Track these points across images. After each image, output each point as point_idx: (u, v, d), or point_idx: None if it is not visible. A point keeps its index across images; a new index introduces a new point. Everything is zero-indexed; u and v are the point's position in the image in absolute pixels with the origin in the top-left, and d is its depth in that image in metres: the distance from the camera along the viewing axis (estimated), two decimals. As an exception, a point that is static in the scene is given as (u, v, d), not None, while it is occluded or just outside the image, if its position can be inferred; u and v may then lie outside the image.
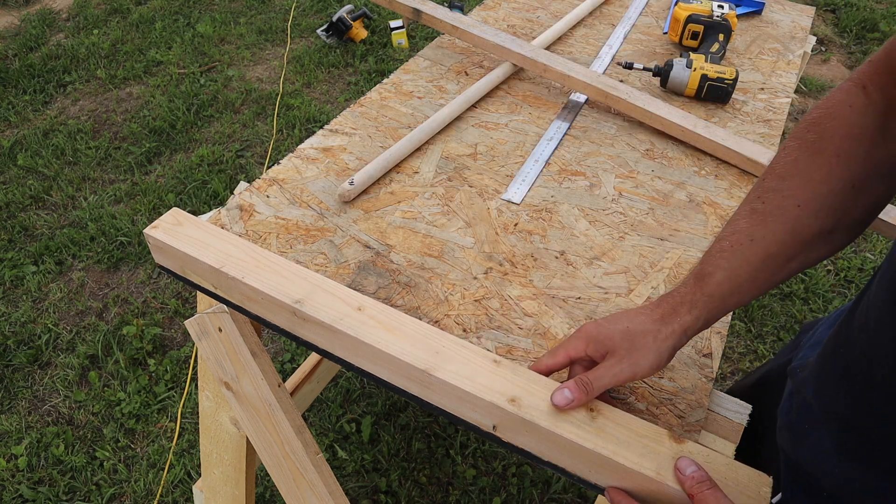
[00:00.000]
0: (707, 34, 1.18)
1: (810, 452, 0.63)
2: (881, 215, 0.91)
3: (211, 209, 0.86)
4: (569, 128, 1.02)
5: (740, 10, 1.38)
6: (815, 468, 0.62)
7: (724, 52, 1.18)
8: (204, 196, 2.18)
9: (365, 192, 0.88)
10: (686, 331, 0.56)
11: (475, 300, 0.74)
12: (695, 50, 1.20)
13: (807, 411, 0.64)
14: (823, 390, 0.61)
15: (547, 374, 0.60)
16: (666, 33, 1.29)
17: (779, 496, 0.66)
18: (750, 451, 0.67)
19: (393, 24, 2.92)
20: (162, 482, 1.45)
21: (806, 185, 0.54)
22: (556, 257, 0.80)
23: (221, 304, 0.77)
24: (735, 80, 1.05)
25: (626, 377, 0.56)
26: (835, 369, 0.59)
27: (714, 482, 0.52)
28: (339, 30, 2.90)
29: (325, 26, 2.96)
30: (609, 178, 0.93)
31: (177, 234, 0.74)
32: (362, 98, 1.07)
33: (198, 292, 0.79)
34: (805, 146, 0.55)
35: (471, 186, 0.90)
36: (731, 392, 0.90)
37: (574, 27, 1.30)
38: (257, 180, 0.88)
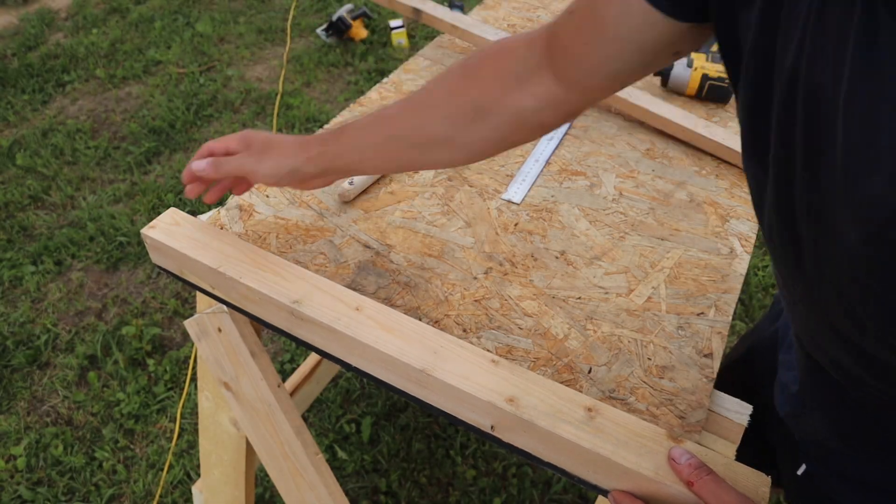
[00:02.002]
0: (707, 33, 1.18)
1: (814, 434, 0.65)
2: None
3: (210, 209, 0.86)
4: (569, 127, 1.02)
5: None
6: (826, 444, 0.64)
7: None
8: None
9: (365, 191, 0.88)
10: (309, 159, 0.67)
11: (475, 300, 0.74)
12: (696, 49, 1.19)
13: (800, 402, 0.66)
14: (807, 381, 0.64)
15: (207, 154, 0.71)
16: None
17: (803, 467, 0.68)
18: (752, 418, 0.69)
19: (393, 23, 2.92)
20: (161, 483, 1.45)
21: (447, 94, 0.63)
22: (557, 257, 0.80)
23: (221, 304, 0.77)
24: (735, 79, 1.05)
25: (247, 169, 0.68)
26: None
27: (710, 468, 0.53)
28: (338, 29, 2.90)
29: (324, 25, 2.96)
30: (609, 178, 0.92)
31: (174, 234, 0.74)
32: (362, 98, 1.06)
33: (197, 293, 0.79)
34: (463, 64, 0.63)
35: (471, 186, 0.90)
36: (723, 368, 0.90)
37: (574, 26, 1.29)
38: (256, 180, 0.88)
